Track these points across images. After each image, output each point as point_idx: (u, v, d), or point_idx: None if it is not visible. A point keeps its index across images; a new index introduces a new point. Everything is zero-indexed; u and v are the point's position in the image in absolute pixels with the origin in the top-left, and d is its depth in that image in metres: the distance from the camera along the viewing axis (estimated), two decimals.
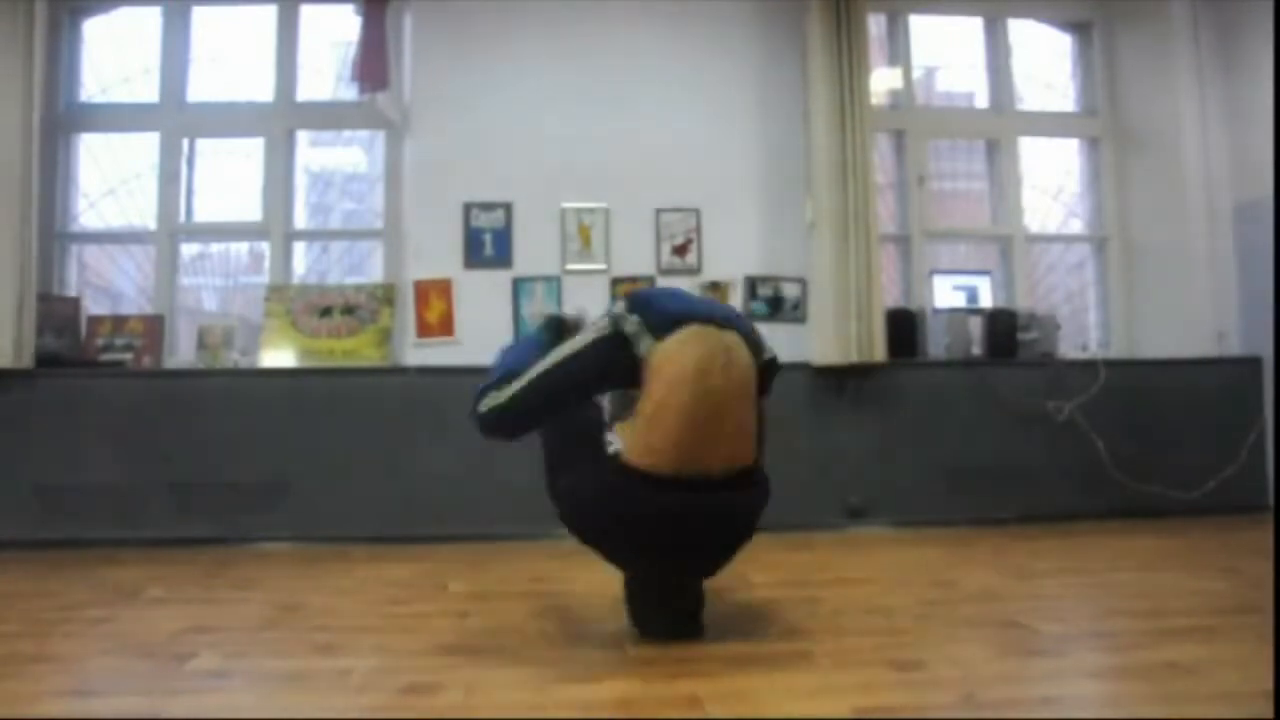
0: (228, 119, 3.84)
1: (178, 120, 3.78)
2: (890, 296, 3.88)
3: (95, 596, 2.38)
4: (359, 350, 3.55)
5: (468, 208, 3.61)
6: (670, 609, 1.84)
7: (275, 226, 3.74)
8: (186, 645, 1.86)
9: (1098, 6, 4.16)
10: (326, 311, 3.59)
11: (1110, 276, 4.09)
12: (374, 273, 3.86)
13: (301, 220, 3.99)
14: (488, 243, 3.61)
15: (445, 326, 3.57)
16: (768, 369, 1.86)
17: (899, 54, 4.07)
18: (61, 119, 3.72)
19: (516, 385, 1.81)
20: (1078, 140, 4.22)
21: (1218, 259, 3.82)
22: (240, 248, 4.02)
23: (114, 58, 3.83)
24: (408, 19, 3.69)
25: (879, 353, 3.48)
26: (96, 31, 3.83)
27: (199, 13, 3.85)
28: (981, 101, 4.25)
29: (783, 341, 3.59)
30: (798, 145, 3.65)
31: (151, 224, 3.74)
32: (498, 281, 3.60)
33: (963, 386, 3.60)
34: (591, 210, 3.65)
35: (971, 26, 4.21)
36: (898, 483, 3.51)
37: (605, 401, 1.95)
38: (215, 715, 1.48)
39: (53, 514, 3.22)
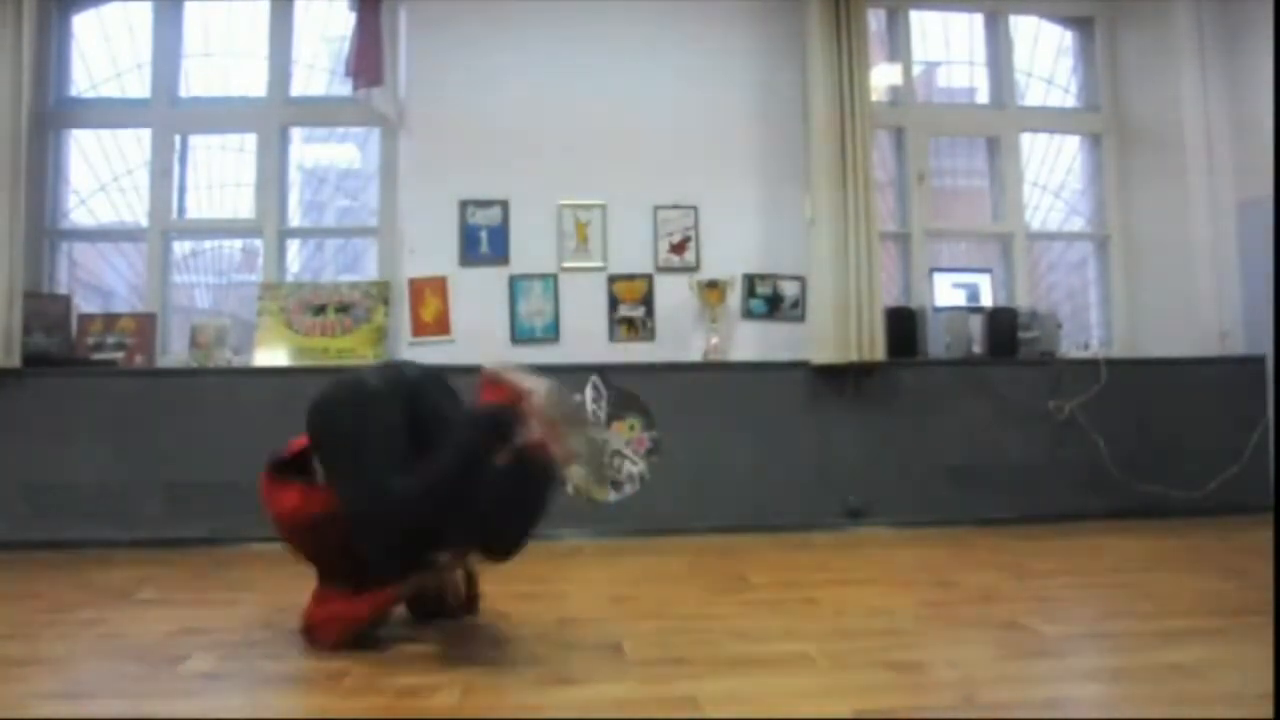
0: (220, 115, 3.81)
1: (170, 116, 3.74)
2: (890, 295, 3.85)
3: (86, 598, 2.36)
4: (353, 349, 3.52)
5: (464, 204, 3.59)
6: None
7: (269, 224, 3.71)
8: (179, 647, 1.84)
9: (1100, 2, 4.13)
10: (320, 310, 3.56)
11: (1112, 274, 4.07)
12: (368, 270, 3.83)
13: (295, 217, 3.95)
14: (484, 240, 3.59)
15: (441, 325, 3.54)
16: None
17: (899, 50, 4.05)
18: (51, 114, 3.68)
19: None
20: (1079, 137, 4.20)
21: (1221, 257, 3.80)
22: (233, 245, 3.99)
23: (105, 52, 3.79)
24: (402, 14, 3.66)
25: (879, 351, 3.46)
26: (86, 26, 3.79)
27: (191, 7, 3.81)
28: (982, 98, 4.23)
29: (781, 340, 3.63)
30: (797, 142, 3.63)
31: (143, 221, 3.71)
32: (494, 279, 3.57)
33: (963, 385, 3.58)
34: (589, 207, 3.63)
35: (972, 22, 4.18)
36: (898, 483, 3.49)
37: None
38: (209, 718, 1.46)
39: (42, 514, 3.19)
